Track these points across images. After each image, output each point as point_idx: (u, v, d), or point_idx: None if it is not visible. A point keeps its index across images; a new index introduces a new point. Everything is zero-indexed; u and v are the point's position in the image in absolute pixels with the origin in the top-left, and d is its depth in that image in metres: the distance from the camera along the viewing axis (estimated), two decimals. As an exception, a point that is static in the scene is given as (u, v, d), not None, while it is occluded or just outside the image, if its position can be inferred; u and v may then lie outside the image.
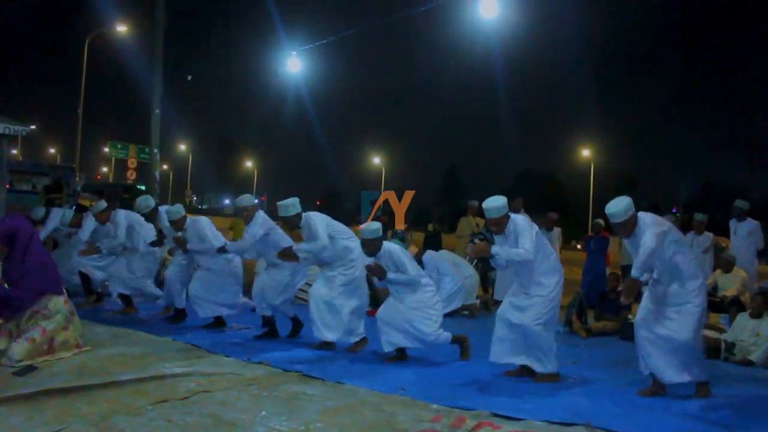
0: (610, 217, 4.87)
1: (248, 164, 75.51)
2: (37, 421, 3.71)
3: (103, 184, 34.20)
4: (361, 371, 5.24)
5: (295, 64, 14.84)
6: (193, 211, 45.12)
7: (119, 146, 31.23)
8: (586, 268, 10.72)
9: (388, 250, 5.76)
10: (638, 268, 4.74)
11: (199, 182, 76.19)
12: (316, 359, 5.68)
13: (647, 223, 4.79)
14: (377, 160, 63.43)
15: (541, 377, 5.16)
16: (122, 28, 26.88)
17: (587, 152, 49.15)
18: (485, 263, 9.95)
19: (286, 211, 6.22)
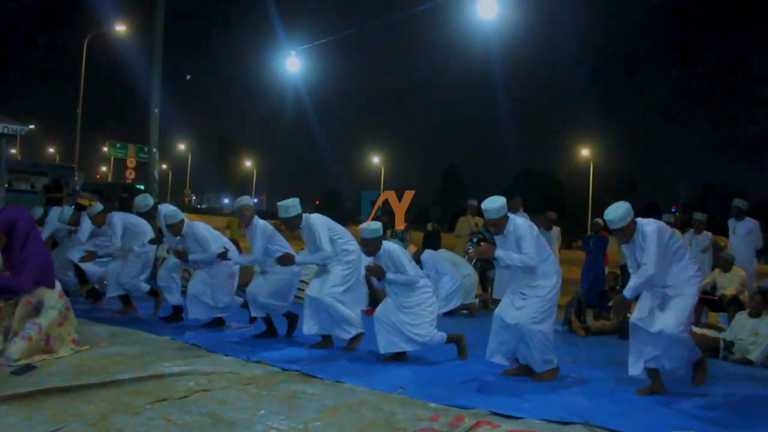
0: (608, 223, 4.87)
1: (247, 164, 75.58)
2: (35, 420, 3.70)
3: (102, 183, 34.12)
4: (359, 370, 5.24)
5: (294, 63, 14.85)
6: (192, 211, 45.18)
7: (118, 146, 31.22)
8: (585, 267, 10.71)
9: (387, 250, 5.76)
10: (633, 290, 4.77)
11: (198, 182, 76.34)
12: (314, 358, 5.68)
13: (649, 234, 4.74)
14: (377, 159, 63.47)
15: (539, 376, 5.17)
16: (121, 27, 26.91)
17: (586, 152, 49.21)
18: (484, 262, 9.97)
19: (286, 212, 6.19)
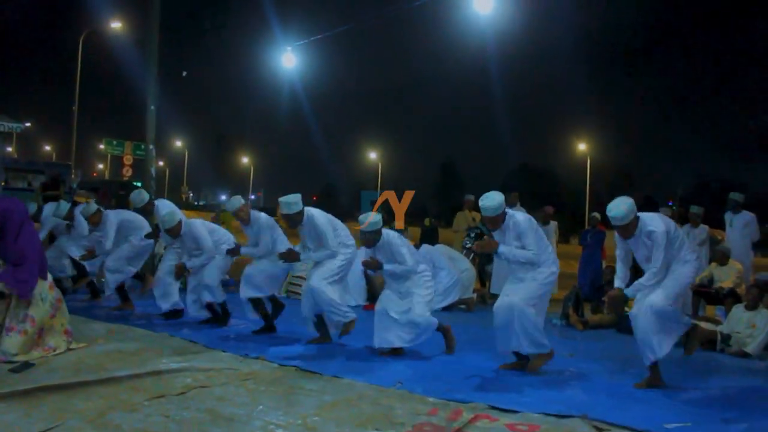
0: (612, 220, 4.85)
1: (245, 160, 75.46)
2: (33, 417, 3.70)
3: (98, 181, 34.14)
4: (358, 366, 5.25)
5: (290, 59, 14.82)
6: (189, 207, 45.10)
7: (115, 143, 31.18)
8: (582, 261, 10.73)
9: (387, 240, 5.75)
10: (635, 290, 4.82)
11: (195, 178, 76.23)
12: (313, 354, 5.69)
13: (658, 238, 4.75)
14: (373, 155, 63.47)
15: (533, 363, 5.17)
16: (117, 24, 26.82)
17: (584, 147, 49.25)
18: (482, 257, 9.97)
19: (288, 208, 6.09)
